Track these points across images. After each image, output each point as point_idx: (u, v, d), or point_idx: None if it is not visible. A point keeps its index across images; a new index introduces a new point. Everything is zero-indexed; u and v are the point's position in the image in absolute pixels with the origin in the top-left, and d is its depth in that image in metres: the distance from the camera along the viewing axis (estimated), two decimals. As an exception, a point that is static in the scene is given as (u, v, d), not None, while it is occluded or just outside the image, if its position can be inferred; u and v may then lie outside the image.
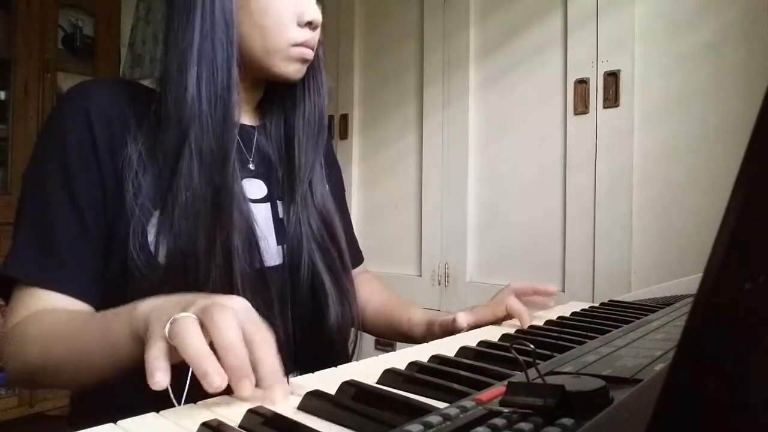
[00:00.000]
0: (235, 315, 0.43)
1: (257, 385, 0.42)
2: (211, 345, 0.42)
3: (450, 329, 0.76)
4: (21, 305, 0.61)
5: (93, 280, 0.63)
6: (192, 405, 0.41)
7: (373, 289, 0.95)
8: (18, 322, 0.60)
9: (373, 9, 2.15)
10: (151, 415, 0.39)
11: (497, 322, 0.76)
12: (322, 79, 0.77)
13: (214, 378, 0.39)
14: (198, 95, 0.63)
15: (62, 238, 0.62)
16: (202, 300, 0.46)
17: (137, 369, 0.46)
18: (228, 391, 0.44)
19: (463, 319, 0.75)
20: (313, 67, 0.75)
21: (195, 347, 0.41)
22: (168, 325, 0.43)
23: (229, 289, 0.62)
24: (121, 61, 2.51)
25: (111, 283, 0.63)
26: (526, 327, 0.71)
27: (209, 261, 0.61)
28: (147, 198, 0.62)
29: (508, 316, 0.75)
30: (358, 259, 0.97)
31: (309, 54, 0.70)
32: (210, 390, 0.39)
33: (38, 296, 0.61)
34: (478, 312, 0.76)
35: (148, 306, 0.50)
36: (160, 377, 0.40)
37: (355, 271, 0.94)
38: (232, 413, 0.39)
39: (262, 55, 0.68)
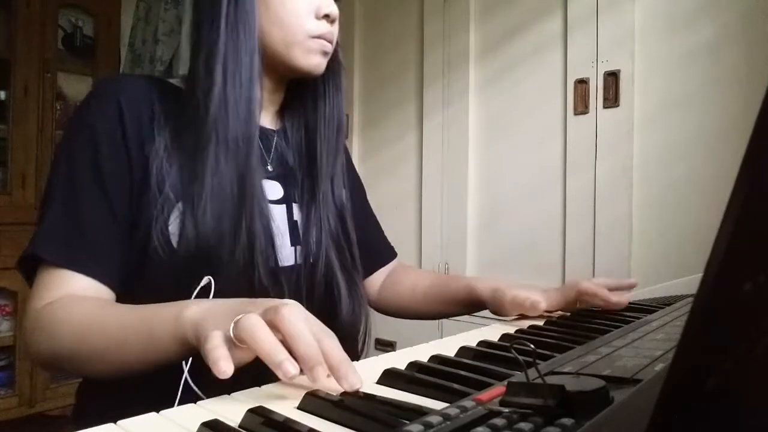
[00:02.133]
0: (299, 310, 0.46)
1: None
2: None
3: (523, 309, 0.74)
4: (47, 286, 0.62)
5: (118, 265, 0.64)
6: (192, 405, 0.41)
7: (418, 273, 0.98)
8: (46, 305, 0.60)
9: (373, 9, 2.15)
10: (151, 415, 0.39)
11: (569, 306, 0.77)
12: (341, 79, 0.79)
13: (289, 367, 0.41)
14: (224, 88, 0.66)
15: (90, 222, 0.63)
16: (256, 304, 0.48)
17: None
18: (228, 390, 0.44)
19: (541, 306, 0.73)
20: (331, 67, 0.77)
21: (267, 340, 0.43)
22: (233, 325, 0.44)
23: (247, 284, 0.64)
24: (121, 61, 2.51)
25: (132, 269, 0.64)
26: (614, 301, 0.72)
27: (233, 250, 0.63)
28: (171, 189, 0.64)
29: (576, 304, 0.76)
30: (391, 254, 1.01)
31: (328, 47, 0.73)
32: (285, 379, 0.41)
33: (64, 278, 0.61)
34: (551, 296, 0.76)
35: (196, 311, 0.50)
36: (225, 365, 0.41)
37: (391, 265, 0.99)
38: (232, 413, 0.39)
39: (283, 49, 0.71)
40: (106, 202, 0.64)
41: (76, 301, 0.60)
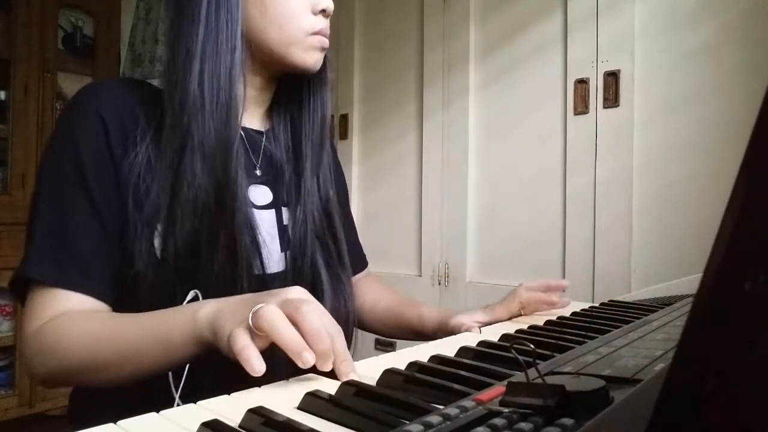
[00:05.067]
0: (317, 308, 0.49)
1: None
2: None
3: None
4: (42, 306, 0.61)
5: (110, 279, 0.63)
6: (192, 405, 0.41)
7: (381, 290, 0.96)
8: (45, 324, 0.60)
9: (373, 9, 2.15)
10: (151, 415, 0.39)
11: (511, 318, 0.79)
12: (327, 72, 0.77)
13: (308, 357, 0.45)
14: (200, 91, 0.63)
15: (80, 238, 0.62)
16: (272, 295, 0.51)
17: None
18: (228, 390, 0.44)
19: (474, 327, 0.74)
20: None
21: (288, 331, 0.46)
22: (251, 315, 0.47)
23: (231, 293, 0.62)
24: (121, 61, 2.51)
25: (120, 283, 0.63)
26: (555, 301, 0.78)
27: (212, 262, 0.62)
28: (153, 200, 0.63)
29: (521, 313, 0.79)
30: (362, 263, 0.97)
31: (326, 42, 0.71)
32: (304, 366, 0.45)
33: (59, 297, 0.60)
34: (495, 311, 0.79)
35: (210, 310, 0.52)
36: (257, 364, 0.44)
37: (359, 276, 0.94)
38: (232, 413, 0.39)
39: (281, 48, 0.68)
40: (96, 217, 0.62)
41: (76, 315, 0.59)
